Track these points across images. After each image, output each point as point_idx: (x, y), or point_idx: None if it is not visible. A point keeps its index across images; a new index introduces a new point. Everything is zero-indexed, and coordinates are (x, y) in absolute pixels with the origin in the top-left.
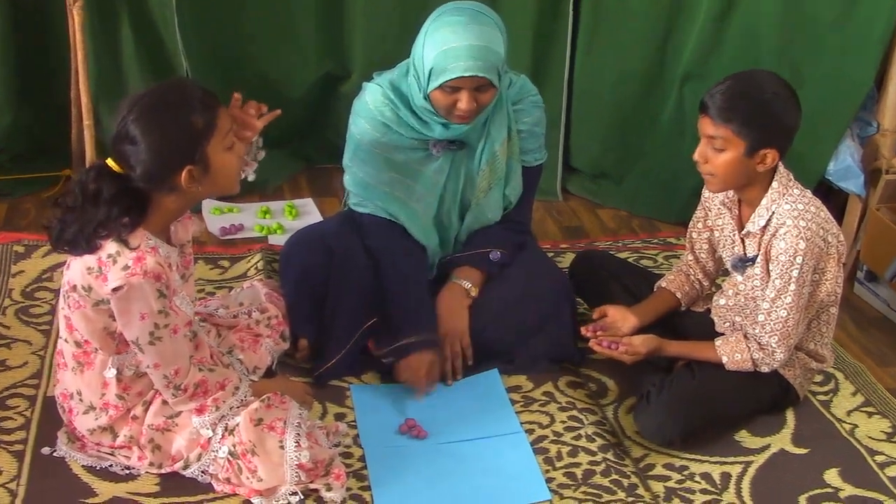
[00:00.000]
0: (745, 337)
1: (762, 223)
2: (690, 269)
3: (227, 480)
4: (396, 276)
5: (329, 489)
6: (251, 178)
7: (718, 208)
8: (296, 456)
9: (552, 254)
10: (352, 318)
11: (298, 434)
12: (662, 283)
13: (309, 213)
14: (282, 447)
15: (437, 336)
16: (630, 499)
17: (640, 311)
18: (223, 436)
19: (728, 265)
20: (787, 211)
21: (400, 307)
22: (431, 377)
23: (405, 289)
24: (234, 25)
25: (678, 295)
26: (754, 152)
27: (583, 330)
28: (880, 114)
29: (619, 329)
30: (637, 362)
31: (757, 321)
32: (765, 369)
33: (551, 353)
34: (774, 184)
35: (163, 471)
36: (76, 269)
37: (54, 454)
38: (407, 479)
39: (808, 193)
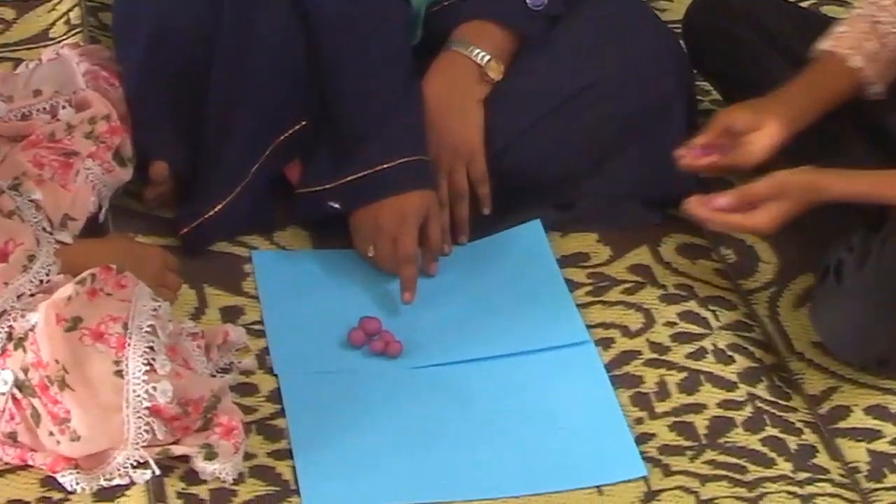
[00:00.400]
0: None
1: None
2: (883, 13)
3: (11, 438)
4: (348, 38)
5: (211, 456)
6: None
7: None
8: (146, 391)
9: None
10: (257, 123)
11: (151, 348)
12: (828, 43)
13: None
14: (119, 374)
15: (428, 157)
16: (802, 475)
17: (786, 107)
18: (4, 351)
19: None
20: None
21: (356, 99)
22: (431, 247)
23: (365, 64)
24: None
25: (858, 61)
26: None
27: (677, 157)
28: None
29: (749, 152)
30: (811, 210)
31: None
32: None
33: (646, 188)
34: None
35: None
36: None
37: None
38: (361, 439)
39: None
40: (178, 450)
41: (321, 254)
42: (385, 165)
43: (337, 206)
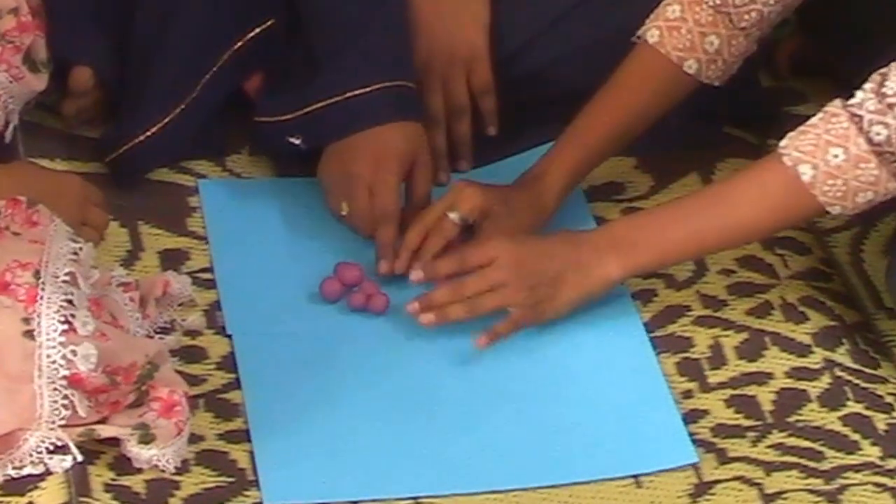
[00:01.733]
0: None
1: None
2: None
3: None
4: None
5: (147, 438)
6: None
7: None
8: (63, 357)
9: None
10: (209, 19)
11: (70, 302)
12: (651, 32)
13: None
14: (29, 334)
15: (413, 83)
16: (894, 463)
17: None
18: None
19: None
20: None
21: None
22: (417, 201)
23: None
24: None
25: (692, 66)
26: None
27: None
28: None
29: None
30: None
31: None
32: None
33: (695, 99)
34: None
35: None
36: None
37: None
38: (336, 417)
39: None
40: (105, 431)
41: (286, 183)
42: (356, 92)
43: (298, 141)
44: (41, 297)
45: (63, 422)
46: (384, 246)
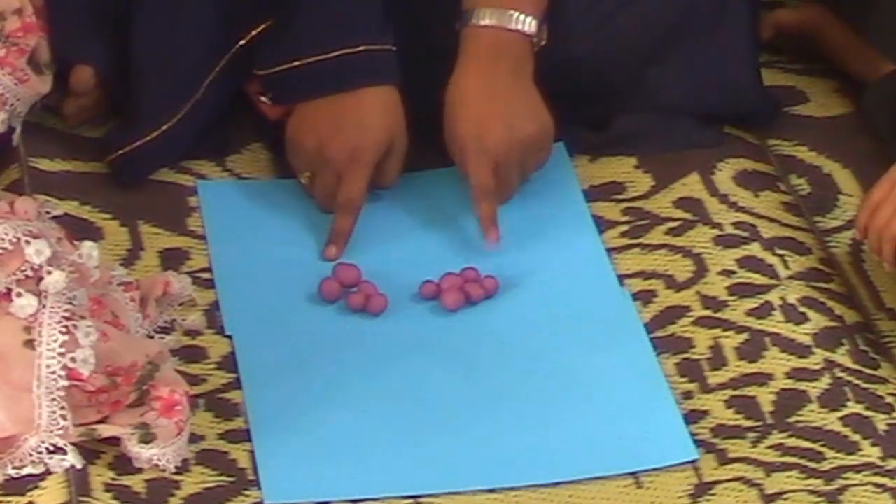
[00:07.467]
0: None
1: None
2: None
3: None
4: None
5: (147, 438)
6: None
7: None
8: (63, 367)
9: None
10: (214, 15)
11: (71, 308)
12: None
13: None
14: (30, 344)
15: (390, 41)
16: (894, 464)
17: None
18: None
19: None
20: None
21: None
22: (382, 184)
23: None
24: None
25: None
26: None
27: None
28: None
29: None
30: None
31: None
32: None
33: (698, 100)
34: None
35: None
36: None
37: None
38: (336, 416)
39: None
40: (106, 430)
41: (285, 183)
42: (326, 55)
43: (266, 100)
44: (43, 308)
45: (61, 432)
46: (340, 235)
